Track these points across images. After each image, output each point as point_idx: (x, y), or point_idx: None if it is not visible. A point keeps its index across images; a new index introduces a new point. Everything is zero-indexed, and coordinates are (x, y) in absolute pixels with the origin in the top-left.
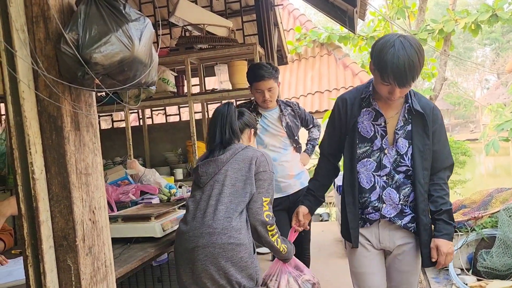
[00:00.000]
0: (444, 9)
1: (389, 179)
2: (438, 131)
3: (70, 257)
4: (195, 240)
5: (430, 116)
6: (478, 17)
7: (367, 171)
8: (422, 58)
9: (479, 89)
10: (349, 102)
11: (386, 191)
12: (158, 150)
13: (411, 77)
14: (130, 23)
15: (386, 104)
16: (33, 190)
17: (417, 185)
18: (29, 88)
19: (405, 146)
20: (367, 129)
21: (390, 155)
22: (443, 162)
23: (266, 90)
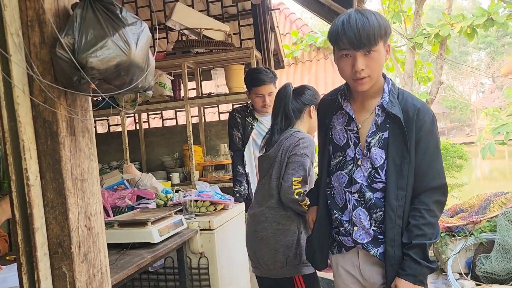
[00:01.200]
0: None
1: (360, 197)
2: (424, 141)
3: (65, 265)
4: (254, 225)
5: (412, 121)
6: (474, 21)
7: (340, 186)
8: (382, 19)
9: (474, 92)
10: (325, 104)
11: (356, 211)
12: (154, 154)
13: (368, 37)
14: (127, 27)
15: (360, 105)
16: (27, 197)
17: (386, 208)
18: (23, 93)
19: (380, 158)
20: (340, 136)
21: (364, 168)
22: (429, 182)
23: (266, 94)
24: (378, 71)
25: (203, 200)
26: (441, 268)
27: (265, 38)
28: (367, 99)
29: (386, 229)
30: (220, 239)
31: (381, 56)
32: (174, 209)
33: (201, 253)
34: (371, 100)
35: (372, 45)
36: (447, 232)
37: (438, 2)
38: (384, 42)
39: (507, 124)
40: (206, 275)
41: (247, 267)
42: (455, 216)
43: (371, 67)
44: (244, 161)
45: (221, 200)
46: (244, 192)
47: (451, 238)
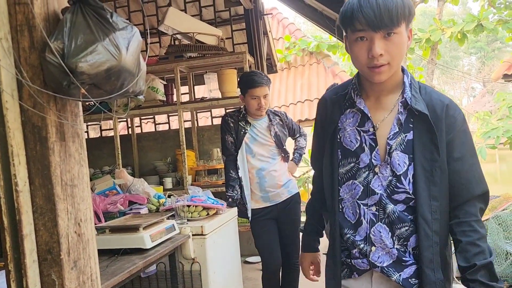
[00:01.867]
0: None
1: (379, 210)
2: (458, 142)
3: (54, 272)
4: None
5: (440, 119)
6: (464, 27)
7: (352, 198)
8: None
9: (465, 97)
10: (329, 103)
11: (375, 227)
12: (147, 159)
13: (389, 15)
14: (117, 32)
15: (376, 101)
16: (16, 203)
17: (420, 222)
18: (12, 98)
19: (403, 164)
20: (351, 139)
21: (382, 176)
22: (473, 189)
23: (262, 96)
24: (399, 58)
25: (196, 205)
26: None
27: (258, 43)
28: (385, 94)
29: (422, 248)
30: (212, 244)
31: (403, 40)
32: (166, 214)
33: (193, 259)
34: (389, 95)
35: (394, 26)
36: None
37: (429, 8)
38: (407, 24)
39: (497, 128)
40: (199, 280)
41: (240, 272)
42: None
43: (392, 52)
44: (237, 165)
45: (214, 205)
46: (237, 197)
47: None
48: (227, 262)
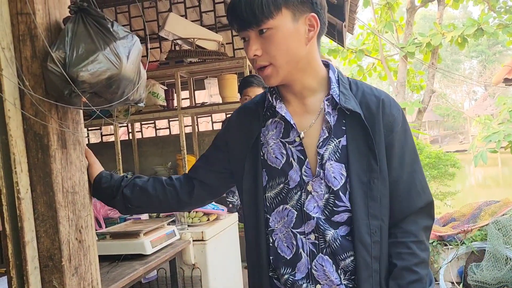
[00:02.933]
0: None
1: (319, 238)
2: (398, 145)
3: (55, 278)
4: None
5: (376, 118)
6: (464, 31)
7: (286, 227)
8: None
9: (467, 100)
10: (246, 113)
11: (316, 260)
12: (147, 164)
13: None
14: (118, 41)
15: (299, 106)
16: (18, 210)
17: (357, 246)
18: (15, 107)
19: (340, 176)
20: (276, 154)
21: (317, 195)
22: (413, 202)
23: (252, 96)
24: (282, 56)
25: (196, 211)
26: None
27: None
28: (307, 95)
29: (360, 279)
30: (213, 250)
31: (283, 35)
32: (166, 220)
33: (194, 264)
34: (313, 96)
35: (262, 21)
36: (439, 241)
37: (430, 12)
38: (295, 12)
39: (498, 132)
40: (199, 286)
41: (240, 278)
42: (447, 225)
43: (270, 51)
44: None
45: (214, 211)
46: (237, 203)
47: (443, 247)
48: (228, 268)
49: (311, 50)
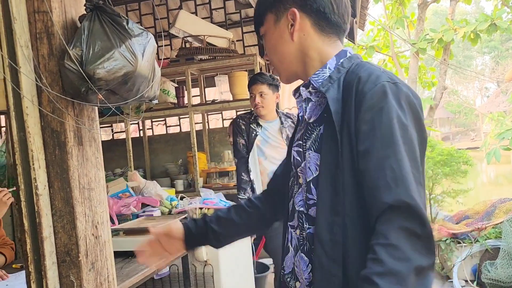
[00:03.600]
0: (443, 19)
1: (301, 233)
2: (365, 127)
3: (73, 273)
4: None
5: (350, 98)
6: (477, 27)
7: (285, 220)
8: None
9: (479, 97)
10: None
11: (297, 256)
12: (158, 161)
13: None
14: (133, 39)
15: None
16: (36, 206)
17: (316, 243)
18: (32, 104)
19: (315, 167)
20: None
21: (302, 187)
22: (380, 196)
23: (257, 94)
24: (276, 55)
25: (208, 208)
26: (446, 275)
27: None
28: None
29: (314, 281)
30: (224, 247)
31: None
32: (179, 216)
33: (206, 261)
34: None
35: (259, 27)
36: (452, 239)
37: (442, 7)
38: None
39: (511, 130)
40: (211, 283)
41: (252, 275)
42: (460, 222)
43: (268, 54)
44: (249, 168)
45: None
46: None
47: (456, 245)
48: (240, 264)
49: (303, 42)
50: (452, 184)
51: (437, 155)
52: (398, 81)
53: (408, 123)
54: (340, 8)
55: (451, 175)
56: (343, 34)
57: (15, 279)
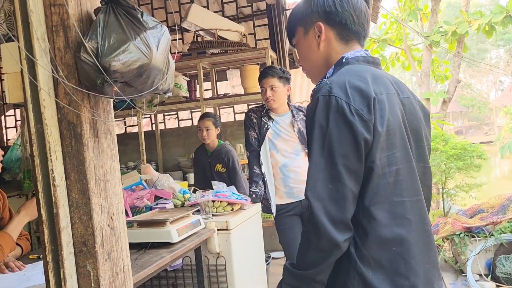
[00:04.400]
0: (456, 11)
1: None
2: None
3: (89, 263)
4: None
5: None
6: (492, 19)
7: None
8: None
9: (493, 90)
10: None
11: None
12: (170, 154)
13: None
14: (148, 31)
15: None
16: (53, 197)
17: None
18: (49, 96)
19: None
20: None
21: None
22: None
23: (268, 87)
24: (307, 62)
25: (220, 201)
26: (460, 269)
27: (280, 38)
28: None
29: None
30: (237, 239)
31: (304, 45)
32: (191, 209)
33: (219, 253)
34: None
35: (291, 38)
36: (466, 233)
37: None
38: (306, 26)
39: None
40: (224, 274)
41: (264, 267)
42: (474, 216)
43: (300, 61)
44: (260, 161)
45: (238, 201)
46: (261, 193)
47: (470, 239)
48: (252, 257)
49: (328, 50)
50: (465, 178)
51: (451, 149)
52: (334, 93)
53: (332, 135)
54: (360, 18)
55: (464, 169)
56: (363, 39)
57: (32, 269)
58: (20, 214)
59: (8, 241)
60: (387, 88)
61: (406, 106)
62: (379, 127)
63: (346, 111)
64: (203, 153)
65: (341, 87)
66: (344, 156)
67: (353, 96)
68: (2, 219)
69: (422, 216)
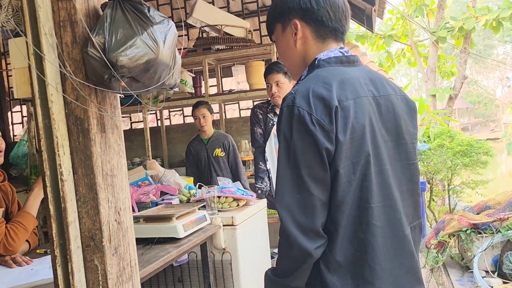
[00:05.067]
0: (463, 6)
1: None
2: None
3: (97, 257)
4: None
5: None
6: (500, 14)
7: None
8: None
9: (500, 87)
10: None
11: None
12: (176, 150)
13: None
14: (155, 26)
15: None
16: (61, 192)
17: None
18: (57, 91)
19: None
20: None
21: None
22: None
23: (273, 83)
24: (285, 59)
25: (226, 196)
26: (466, 266)
27: None
28: None
29: None
30: (242, 234)
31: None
32: (197, 205)
33: (224, 249)
34: None
35: (271, 34)
36: (473, 229)
37: None
38: (282, 23)
39: None
40: (229, 270)
41: (269, 263)
42: (481, 213)
43: (280, 56)
44: (266, 157)
45: (244, 196)
46: (266, 189)
47: (477, 235)
48: (257, 252)
49: (304, 49)
50: (471, 175)
51: (457, 146)
52: (297, 103)
53: (296, 145)
54: (337, 14)
55: (470, 166)
56: (341, 35)
57: (40, 263)
58: (34, 190)
59: (29, 219)
60: (355, 92)
61: (382, 105)
62: (340, 136)
63: (307, 121)
64: (198, 143)
65: (304, 96)
66: (309, 166)
67: (315, 105)
68: (12, 212)
69: (392, 222)
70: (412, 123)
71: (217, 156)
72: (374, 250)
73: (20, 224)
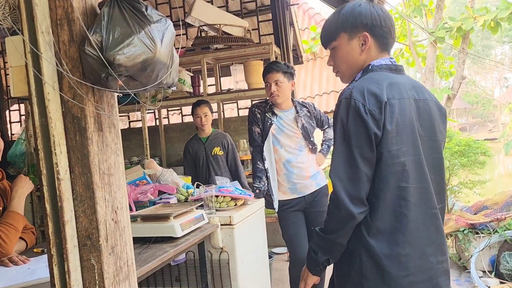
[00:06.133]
0: (462, 7)
1: None
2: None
3: (93, 256)
4: None
5: None
6: (498, 15)
7: None
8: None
9: (498, 87)
10: None
11: None
12: (174, 150)
13: (323, 36)
14: (152, 25)
15: None
16: (58, 190)
17: None
18: (54, 89)
19: None
20: None
21: None
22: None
23: (272, 82)
24: (343, 66)
25: (224, 196)
26: (464, 266)
27: (284, 34)
28: None
29: None
30: (240, 234)
31: (343, 50)
32: (195, 204)
33: (222, 248)
34: None
35: (329, 43)
36: (470, 229)
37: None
38: (349, 33)
39: None
40: (227, 269)
41: (267, 262)
42: (478, 213)
43: (335, 62)
44: (264, 156)
45: (242, 196)
46: (264, 188)
47: (474, 236)
48: (255, 252)
49: (366, 57)
50: (469, 175)
51: (455, 146)
52: (354, 96)
53: (350, 129)
54: (394, 32)
55: (468, 166)
56: (391, 48)
57: (36, 262)
58: (18, 190)
59: (17, 218)
60: (400, 94)
61: (421, 107)
62: (388, 125)
63: (361, 111)
64: (197, 142)
65: (360, 91)
66: (360, 146)
67: (368, 99)
68: None
69: (425, 201)
70: (443, 125)
71: (216, 154)
72: (408, 222)
73: (10, 225)
